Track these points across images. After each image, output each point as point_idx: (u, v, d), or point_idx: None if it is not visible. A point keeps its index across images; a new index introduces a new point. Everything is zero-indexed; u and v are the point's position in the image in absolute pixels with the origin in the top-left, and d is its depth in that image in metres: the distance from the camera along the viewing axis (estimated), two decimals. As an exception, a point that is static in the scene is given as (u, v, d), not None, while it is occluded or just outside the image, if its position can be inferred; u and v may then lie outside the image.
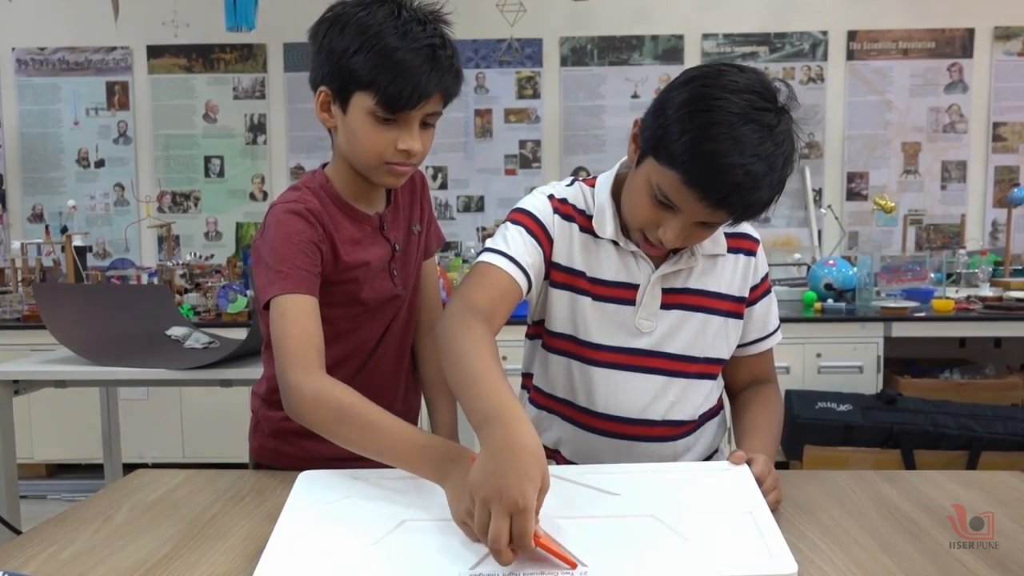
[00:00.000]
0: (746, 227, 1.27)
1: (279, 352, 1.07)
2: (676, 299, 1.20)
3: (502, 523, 0.78)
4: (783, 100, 1.02)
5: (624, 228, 1.19)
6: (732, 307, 1.24)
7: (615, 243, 1.19)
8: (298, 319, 1.07)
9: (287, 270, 1.09)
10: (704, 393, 1.25)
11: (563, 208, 1.21)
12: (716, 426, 1.32)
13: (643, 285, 1.19)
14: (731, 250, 1.24)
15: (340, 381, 1.05)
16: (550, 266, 1.21)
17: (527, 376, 1.33)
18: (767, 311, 1.29)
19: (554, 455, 1.28)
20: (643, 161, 1.08)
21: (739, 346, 1.28)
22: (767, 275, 1.29)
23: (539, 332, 1.27)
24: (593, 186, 1.24)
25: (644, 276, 1.20)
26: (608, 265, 1.20)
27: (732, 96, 0.98)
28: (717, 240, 1.23)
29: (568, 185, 1.25)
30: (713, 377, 1.27)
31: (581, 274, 1.20)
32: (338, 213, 1.18)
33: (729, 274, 1.23)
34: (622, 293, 1.20)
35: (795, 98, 1.04)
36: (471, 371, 0.95)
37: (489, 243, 1.18)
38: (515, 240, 1.16)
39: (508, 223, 1.20)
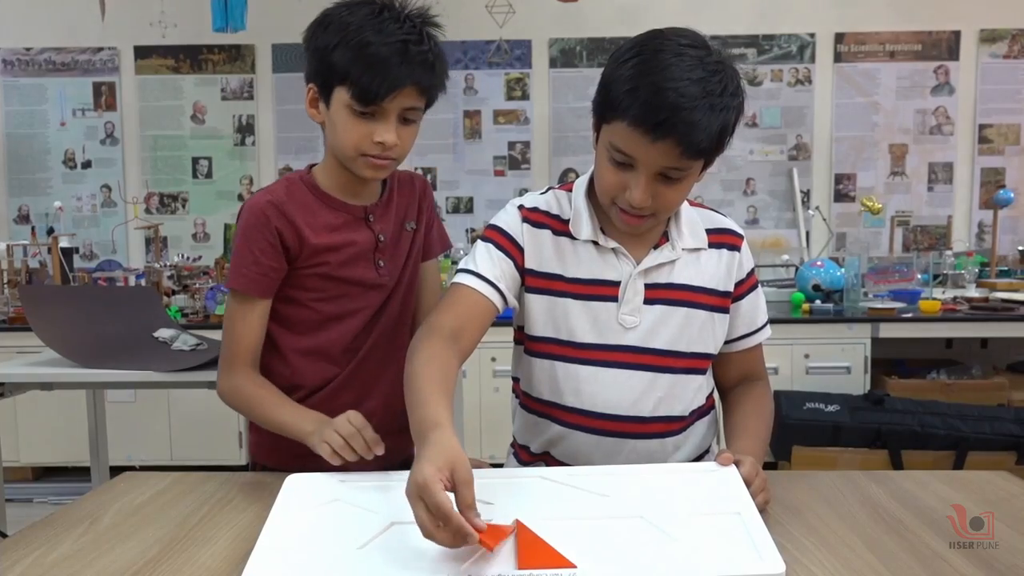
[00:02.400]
0: (729, 223, 1.29)
1: (221, 347, 1.25)
2: (659, 294, 1.21)
3: (419, 511, 0.83)
4: (719, 54, 1.08)
5: (603, 228, 1.21)
6: (717, 301, 1.24)
7: (595, 243, 1.21)
8: (237, 322, 1.23)
9: (246, 271, 1.20)
10: (694, 389, 1.25)
11: (533, 216, 1.24)
12: (706, 426, 1.32)
13: (625, 280, 1.20)
14: (714, 245, 1.25)
15: (261, 378, 1.24)
16: (524, 273, 1.22)
17: (516, 380, 1.34)
18: (754, 306, 1.29)
19: (544, 457, 1.28)
20: (599, 135, 1.13)
21: (728, 342, 1.29)
22: (753, 270, 1.30)
23: (522, 337, 1.27)
24: (570, 191, 1.26)
25: (626, 272, 1.20)
26: (587, 264, 1.21)
27: (665, 41, 1.06)
28: (697, 233, 1.24)
29: (541, 193, 1.28)
30: (701, 372, 1.27)
31: (558, 276, 1.21)
32: (314, 201, 1.24)
33: (713, 268, 1.24)
34: (603, 290, 1.21)
35: (733, 58, 1.10)
36: (412, 389, 1.03)
37: (460, 264, 1.23)
38: (482, 257, 1.21)
39: (479, 241, 1.25)
